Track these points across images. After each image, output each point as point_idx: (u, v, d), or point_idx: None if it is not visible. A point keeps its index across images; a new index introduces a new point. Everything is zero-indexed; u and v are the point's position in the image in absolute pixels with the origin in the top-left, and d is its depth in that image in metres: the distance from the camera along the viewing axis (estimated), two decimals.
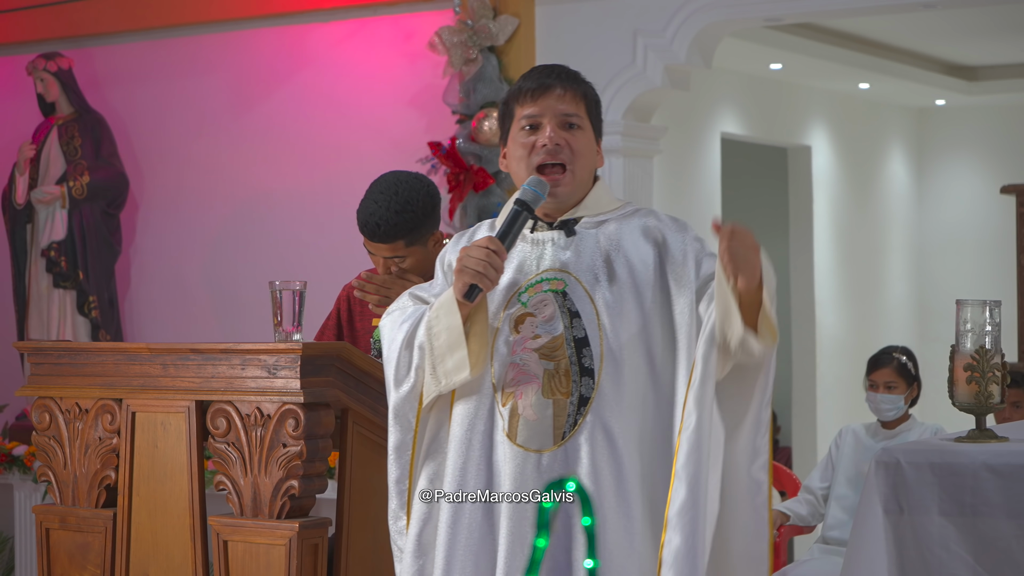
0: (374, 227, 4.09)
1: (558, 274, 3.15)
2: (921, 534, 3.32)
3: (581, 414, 3.07)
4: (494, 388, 3.14)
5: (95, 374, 4.11)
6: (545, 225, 3.21)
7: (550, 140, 3.16)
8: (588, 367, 3.08)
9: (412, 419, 3.24)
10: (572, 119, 3.19)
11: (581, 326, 3.10)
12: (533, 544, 1.72)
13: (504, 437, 3.10)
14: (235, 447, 3.85)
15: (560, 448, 3.06)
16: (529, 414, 3.09)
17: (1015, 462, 3.30)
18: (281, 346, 3.80)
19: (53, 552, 4.18)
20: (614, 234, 3.18)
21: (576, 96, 3.20)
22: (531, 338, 3.12)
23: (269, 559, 3.79)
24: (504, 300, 3.17)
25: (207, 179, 7.73)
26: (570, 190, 3.18)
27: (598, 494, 3.04)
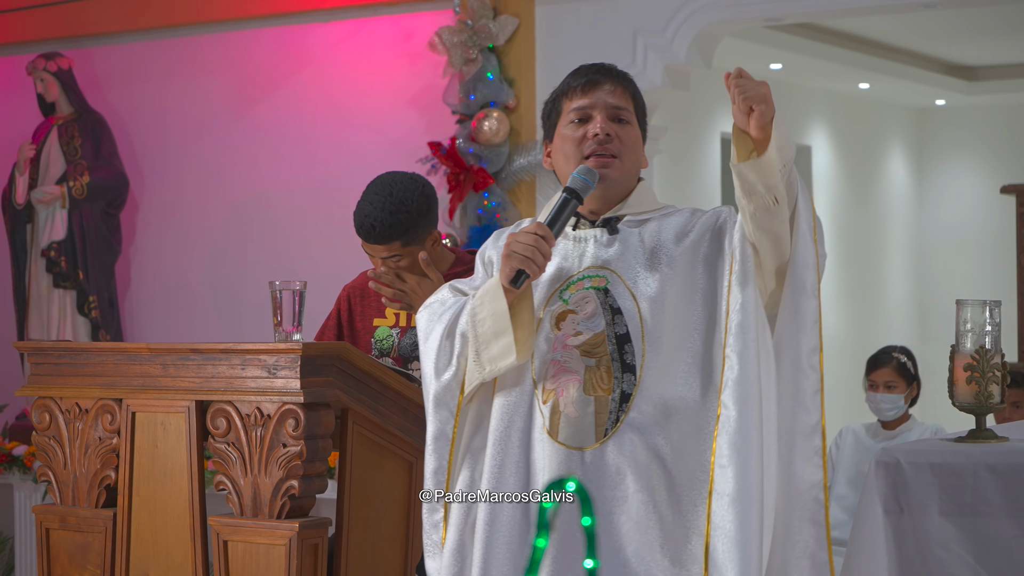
0: (369, 228, 4.10)
1: (600, 271, 3.15)
2: (921, 534, 3.32)
3: (623, 411, 3.06)
4: (534, 384, 3.12)
5: (95, 374, 4.11)
6: (587, 223, 3.20)
7: (601, 130, 3.17)
8: (630, 363, 3.07)
9: (453, 408, 3.21)
10: (622, 113, 3.20)
11: (623, 322, 3.09)
12: (533, 544, 1.72)
13: (544, 435, 3.09)
14: (235, 447, 3.85)
15: (602, 445, 3.05)
16: (571, 411, 3.07)
17: (1015, 462, 3.30)
18: (281, 346, 3.80)
19: (53, 552, 4.18)
20: (656, 232, 3.17)
21: (626, 92, 3.22)
22: (572, 335, 3.11)
23: (269, 559, 3.79)
24: (546, 297, 3.16)
25: (207, 179, 7.73)
26: (619, 178, 3.18)
27: (644, 490, 3.03)
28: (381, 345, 4.27)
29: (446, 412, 3.21)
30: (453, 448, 3.21)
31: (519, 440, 3.12)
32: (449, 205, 6.90)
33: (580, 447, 3.06)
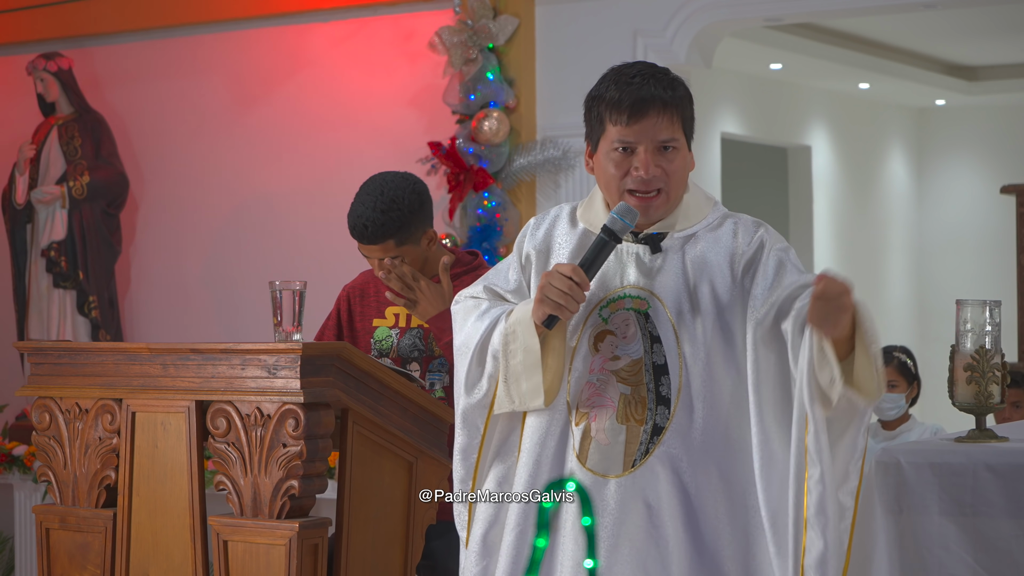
0: (362, 229, 4.10)
1: (642, 292, 3.07)
2: (921, 534, 3.32)
3: (654, 443, 3.00)
4: (568, 406, 3.07)
5: (95, 374, 4.11)
6: (631, 235, 3.10)
7: (646, 170, 3.04)
8: (665, 396, 3.01)
9: (480, 425, 3.17)
10: (669, 143, 3.06)
11: (662, 352, 3.03)
12: (533, 544, 1.72)
13: (573, 458, 3.04)
14: (235, 447, 3.85)
15: (628, 476, 3.00)
16: (601, 438, 3.02)
17: (1015, 462, 3.30)
18: (281, 346, 3.80)
19: (53, 552, 4.18)
20: (700, 256, 3.08)
21: (673, 118, 3.06)
22: (610, 359, 3.05)
23: (269, 559, 3.79)
24: (584, 314, 3.08)
25: (207, 179, 7.73)
26: (663, 211, 3.08)
27: (664, 525, 2.99)
28: (380, 346, 4.27)
29: (473, 428, 3.18)
30: (479, 461, 3.18)
31: (550, 461, 3.07)
32: (449, 205, 6.90)
33: (605, 474, 3.01)
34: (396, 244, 4.12)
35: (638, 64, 3.13)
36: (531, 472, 3.07)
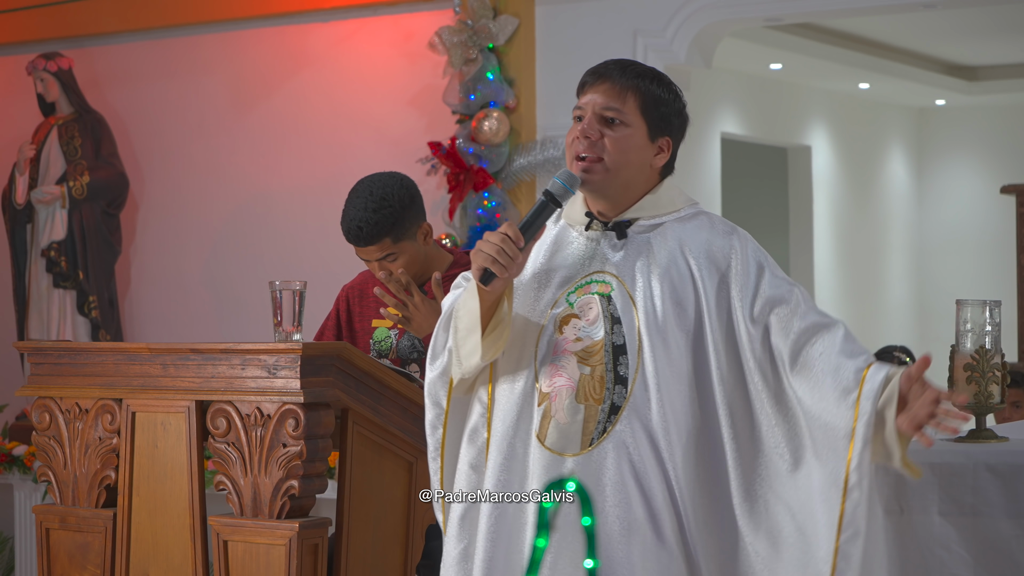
0: (356, 231, 4.10)
1: (607, 277, 3.12)
2: (921, 534, 3.32)
3: (611, 422, 3.03)
4: (534, 388, 3.11)
5: (95, 374, 4.11)
6: (600, 224, 3.16)
7: (581, 132, 3.12)
8: (623, 375, 3.05)
9: (443, 401, 3.22)
10: (608, 113, 3.12)
11: (621, 333, 3.06)
12: (533, 544, 1.72)
13: (534, 437, 3.08)
14: (235, 447, 3.85)
15: (585, 454, 3.03)
16: (560, 417, 3.06)
17: (1015, 462, 3.30)
18: (281, 346, 3.80)
19: (53, 552, 4.18)
20: (666, 242, 3.12)
21: (620, 91, 3.13)
22: (573, 340, 3.09)
23: (269, 559, 3.79)
24: (552, 299, 3.14)
25: (207, 179, 7.73)
26: (602, 180, 3.12)
27: (622, 505, 3.01)
28: (379, 346, 4.27)
29: (436, 403, 3.24)
30: (445, 436, 3.23)
31: (522, 443, 3.10)
32: (449, 205, 6.90)
33: (563, 453, 3.05)
34: (392, 241, 4.12)
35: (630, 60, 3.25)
36: (500, 452, 3.11)
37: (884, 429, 2.97)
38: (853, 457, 2.96)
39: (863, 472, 2.97)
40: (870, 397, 2.96)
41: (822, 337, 3.04)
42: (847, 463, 2.97)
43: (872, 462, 2.98)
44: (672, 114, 3.20)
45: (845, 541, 2.97)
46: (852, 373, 2.99)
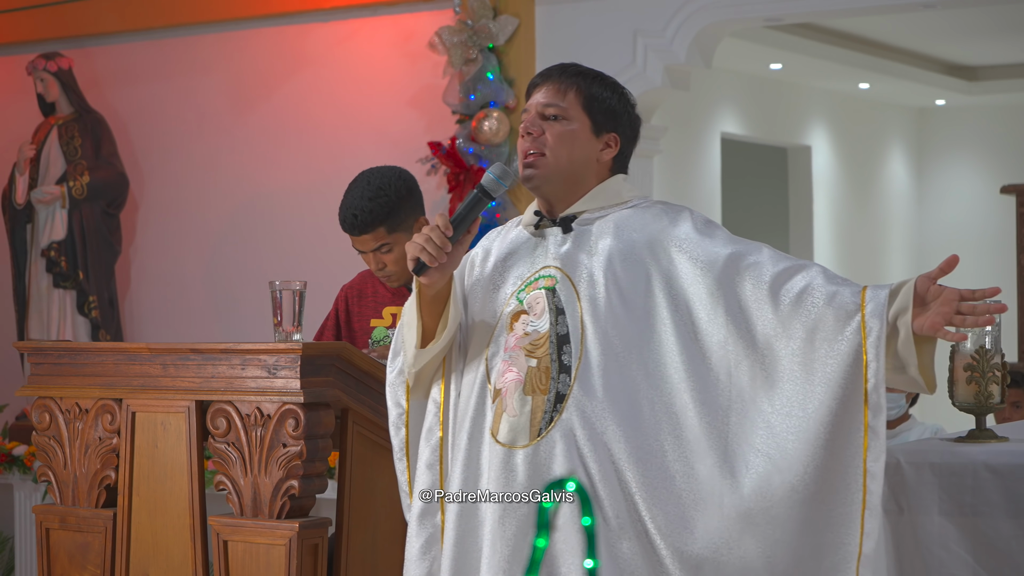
0: (352, 219, 4.13)
1: (552, 271, 3.16)
2: (921, 534, 3.32)
3: (557, 411, 3.06)
4: (489, 387, 3.15)
5: (95, 374, 4.11)
6: (549, 222, 3.21)
7: (523, 129, 3.21)
8: (567, 364, 3.08)
9: (403, 401, 3.30)
10: (549, 110, 3.19)
11: (565, 323, 3.10)
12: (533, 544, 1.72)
13: (489, 434, 3.12)
14: (235, 447, 3.85)
15: (534, 445, 3.06)
16: (510, 410, 3.09)
17: (1015, 462, 3.30)
18: (281, 346, 3.80)
19: (53, 552, 4.18)
20: (609, 230, 3.16)
21: (560, 89, 3.21)
22: (521, 335, 3.13)
23: (269, 559, 3.79)
24: (505, 299, 3.19)
25: (207, 179, 7.73)
26: (546, 174, 3.18)
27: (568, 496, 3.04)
28: (379, 346, 4.27)
29: (395, 403, 3.32)
30: (408, 437, 3.30)
31: (478, 440, 3.14)
32: (449, 205, 6.90)
33: (512, 445, 3.07)
34: (387, 231, 4.14)
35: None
36: (465, 453, 3.14)
37: (898, 339, 2.95)
38: (869, 378, 2.94)
39: (881, 392, 2.95)
40: (877, 314, 2.95)
41: (801, 274, 3.05)
42: (864, 385, 2.95)
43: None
44: (618, 112, 3.26)
45: (872, 460, 2.96)
46: (849, 296, 2.99)
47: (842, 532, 2.98)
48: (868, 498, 2.95)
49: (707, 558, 2.99)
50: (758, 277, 3.06)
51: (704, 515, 3.01)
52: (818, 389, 2.98)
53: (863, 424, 2.95)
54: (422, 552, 3.22)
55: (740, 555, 2.99)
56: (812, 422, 2.98)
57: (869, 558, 2.97)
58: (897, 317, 2.95)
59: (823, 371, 2.98)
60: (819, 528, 2.99)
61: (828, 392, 2.97)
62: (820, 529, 2.99)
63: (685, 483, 3.02)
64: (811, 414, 2.98)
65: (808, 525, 2.99)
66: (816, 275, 3.05)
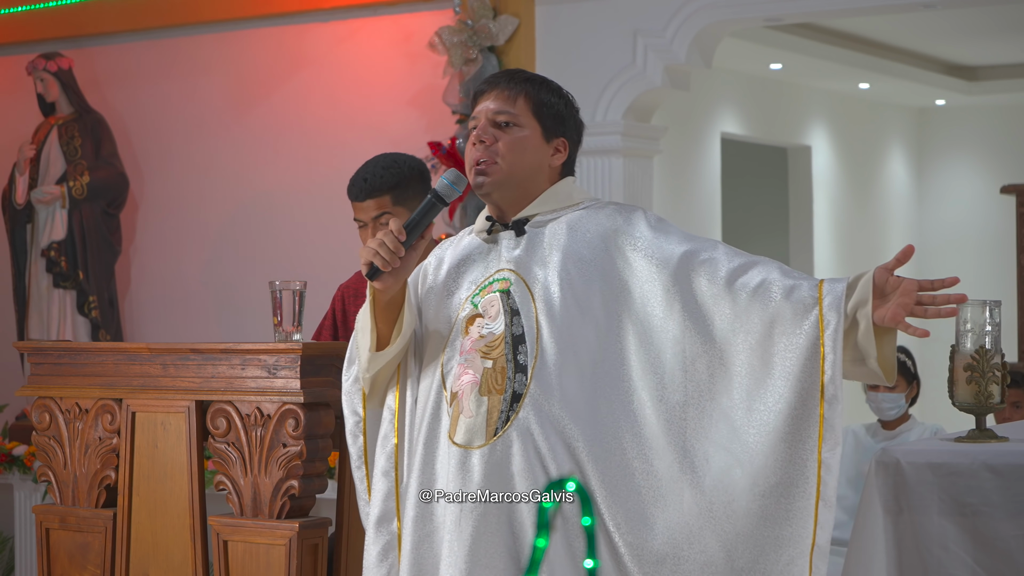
0: (361, 182, 4.16)
1: (507, 274, 3.19)
2: (921, 534, 3.32)
3: (514, 411, 3.07)
4: (444, 391, 3.18)
5: (95, 374, 4.11)
6: (501, 226, 3.24)
7: (475, 137, 3.22)
8: (523, 363, 3.09)
9: (360, 410, 3.32)
10: (499, 117, 3.21)
11: (520, 323, 3.12)
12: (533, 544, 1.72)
13: (446, 437, 3.13)
14: (235, 447, 3.85)
15: (490, 445, 3.07)
16: (467, 411, 3.11)
17: (1015, 462, 3.30)
18: (281, 346, 3.80)
19: (53, 552, 4.18)
20: (562, 231, 3.19)
21: (510, 96, 3.23)
22: (477, 338, 3.15)
23: (269, 559, 3.79)
24: (460, 303, 3.21)
25: (207, 179, 7.73)
26: (498, 180, 3.20)
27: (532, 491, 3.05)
28: None
29: (352, 411, 3.33)
30: (366, 444, 3.32)
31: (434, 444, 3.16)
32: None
33: (468, 445, 3.09)
34: (392, 201, 4.16)
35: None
36: (422, 459, 3.15)
37: (857, 331, 2.98)
38: (826, 370, 2.97)
39: (838, 383, 2.98)
40: (834, 308, 2.97)
41: (757, 269, 3.07)
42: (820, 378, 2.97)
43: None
44: (566, 117, 3.28)
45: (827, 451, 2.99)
46: (807, 291, 3.01)
47: (800, 525, 3.00)
48: (822, 489, 2.98)
49: (668, 554, 3.01)
50: (713, 273, 3.08)
51: (664, 511, 3.02)
52: (777, 383, 3.00)
53: (819, 416, 2.97)
54: (379, 559, 3.26)
55: (701, 549, 3.01)
56: (772, 415, 3.00)
57: (822, 549, 3.00)
58: (857, 309, 2.98)
59: (782, 365, 3.00)
60: (779, 521, 3.00)
61: (787, 386, 3.00)
62: (780, 522, 3.00)
63: (645, 480, 3.04)
64: (771, 407, 3.01)
65: (768, 518, 3.01)
66: (773, 270, 3.07)
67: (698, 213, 8.93)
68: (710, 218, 9.06)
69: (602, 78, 6.83)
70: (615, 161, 6.85)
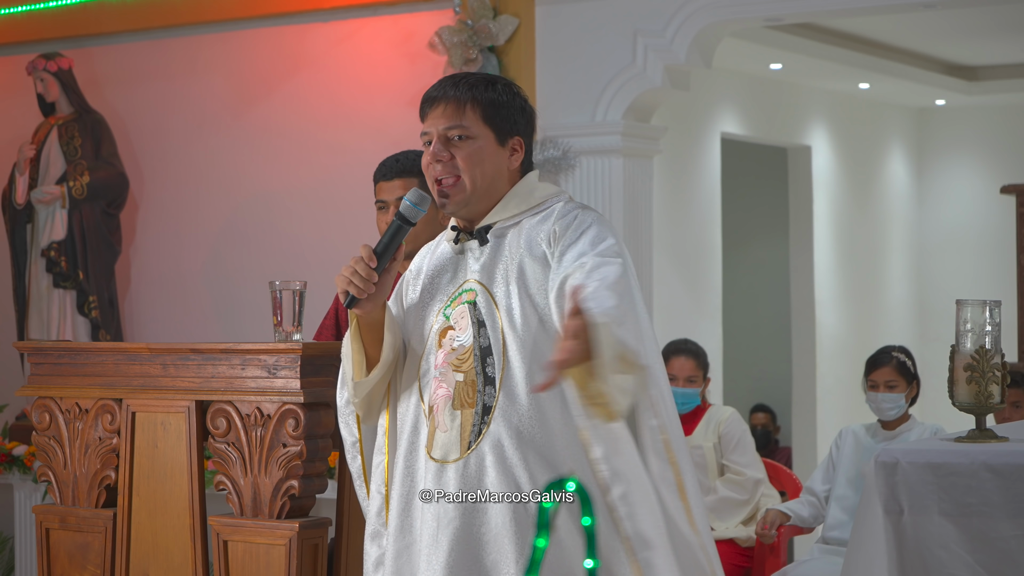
0: (393, 162, 4.22)
1: (473, 284, 3.19)
2: (921, 534, 3.32)
3: (485, 423, 3.09)
4: (423, 404, 3.19)
5: (95, 374, 4.11)
6: (467, 235, 3.24)
7: (432, 156, 3.21)
8: (491, 376, 3.11)
9: (354, 428, 3.34)
10: (453, 131, 3.20)
11: (487, 335, 3.13)
12: (533, 544, 1.72)
13: (424, 451, 3.15)
14: (235, 447, 3.85)
15: (464, 459, 3.09)
16: (442, 426, 3.13)
17: (1015, 462, 3.30)
18: (281, 346, 3.80)
19: (53, 552, 4.18)
20: (518, 240, 3.19)
21: (458, 107, 3.20)
22: (449, 351, 3.16)
23: (269, 559, 3.79)
24: (433, 316, 3.21)
25: (207, 179, 7.73)
26: (463, 199, 3.19)
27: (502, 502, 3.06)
28: None
29: (347, 430, 3.35)
30: (363, 460, 3.33)
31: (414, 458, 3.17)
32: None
33: (444, 460, 3.10)
34: (419, 185, 4.18)
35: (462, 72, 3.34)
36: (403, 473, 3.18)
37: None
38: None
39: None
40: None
41: (580, 273, 3.02)
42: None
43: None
44: (515, 113, 3.25)
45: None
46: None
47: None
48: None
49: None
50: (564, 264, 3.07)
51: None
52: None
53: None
54: (374, 568, 3.29)
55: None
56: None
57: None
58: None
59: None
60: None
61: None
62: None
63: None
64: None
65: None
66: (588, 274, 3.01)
67: (698, 213, 8.93)
68: (710, 218, 9.06)
69: (602, 78, 6.83)
70: (615, 161, 6.85)
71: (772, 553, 5.84)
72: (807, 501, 5.86)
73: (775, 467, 6.27)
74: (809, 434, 10.09)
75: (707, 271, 8.99)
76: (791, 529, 5.88)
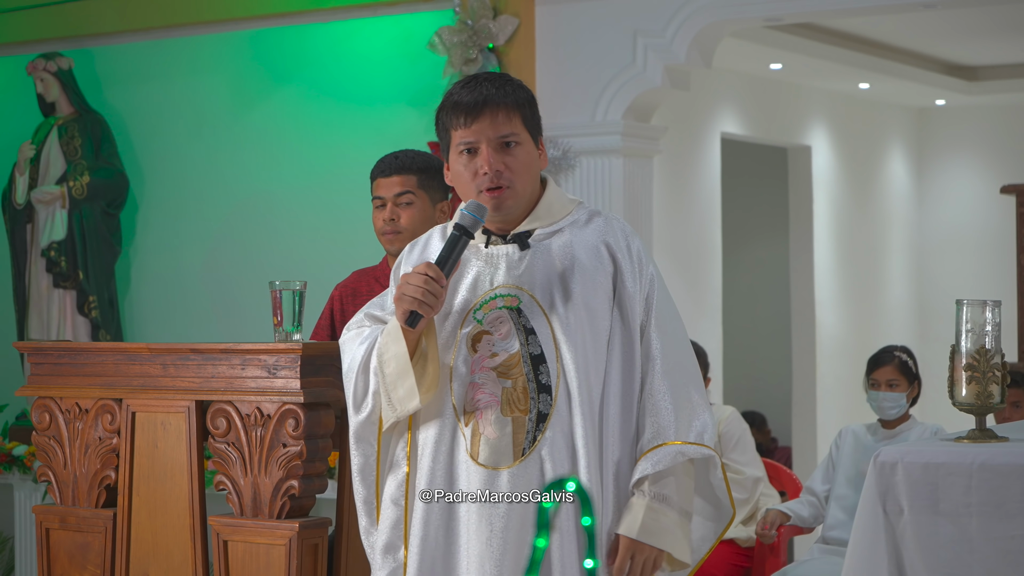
0: (391, 159, 4.23)
1: (512, 290, 3.16)
2: (921, 534, 3.32)
3: (540, 430, 3.09)
4: (455, 409, 3.15)
5: (95, 374, 4.11)
6: (499, 239, 3.21)
7: (490, 167, 3.14)
8: (545, 383, 3.10)
9: (374, 442, 3.28)
10: (508, 139, 3.16)
11: (537, 343, 3.12)
12: (533, 544, 1.72)
13: (467, 456, 3.12)
14: (235, 447, 3.85)
15: (520, 464, 3.08)
16: (489, 433, 3.10)
17: (1015, 462, 3.30)
18: (281, 346, 3.80)
19: (53, 552, 4.18)
20: (568, 246, 3.18)
21: (509, 112, 3.16)
22: (488, 356, 3.14)
23: (269, 559, 3.79)
24: (460, 319, 3.18)
25: (207, 179, 7.73)
26: (514, 205, 3.18)
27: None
28: None
29: (368, 446, 3.27)
30: (379, 478, 3.27)
31: (444, 464, 3.15)
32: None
33: (496, 466, 3.09)
34: (418, 183, 4.20)
35: (480, 73, 3.28)
36: (427, 481, 3.15)
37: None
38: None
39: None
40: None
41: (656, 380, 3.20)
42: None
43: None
44: (535, 108, 3.25)
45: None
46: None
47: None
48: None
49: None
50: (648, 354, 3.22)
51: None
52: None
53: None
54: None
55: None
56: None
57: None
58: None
59: None
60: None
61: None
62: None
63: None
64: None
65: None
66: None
67: (698, 213, 8.93)
68: (710, 218, 9.06)
69: (602, 78, 6.83)
70: (615, 161, 6.85)
71: (772, 553, 5.84)
72: (807, 501, 5.86)
73: (775, 467, 6.28)
74: (809, 434, 10.09)
75: (707, 271, 8.99)
76: (791, 529, 5.88)
